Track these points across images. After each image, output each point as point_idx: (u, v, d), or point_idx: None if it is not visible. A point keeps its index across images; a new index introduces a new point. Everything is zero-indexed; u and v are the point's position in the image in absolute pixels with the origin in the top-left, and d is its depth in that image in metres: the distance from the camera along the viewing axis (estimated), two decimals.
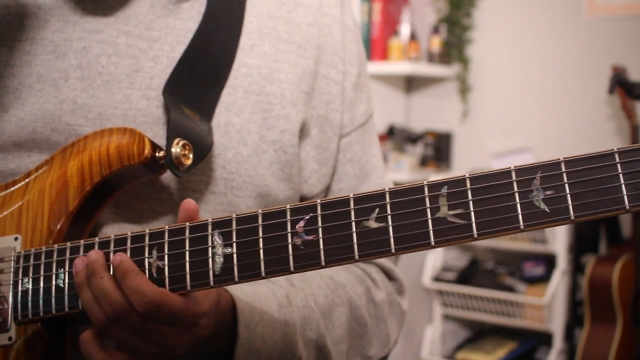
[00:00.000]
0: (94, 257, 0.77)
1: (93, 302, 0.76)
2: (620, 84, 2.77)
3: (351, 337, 0.98)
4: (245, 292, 0.88)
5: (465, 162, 3.70)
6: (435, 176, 3.47)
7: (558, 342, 3.20)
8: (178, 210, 0.88)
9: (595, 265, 3.07)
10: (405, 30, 3.54)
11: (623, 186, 0.62)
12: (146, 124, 0.89)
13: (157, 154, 0.85)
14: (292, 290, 0.93)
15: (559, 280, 3.16)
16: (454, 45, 3.65)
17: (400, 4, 3.59)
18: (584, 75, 3.39)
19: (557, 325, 3.20)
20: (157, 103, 0.90)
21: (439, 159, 3.71)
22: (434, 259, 3.48)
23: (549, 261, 3.28)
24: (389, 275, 1.06)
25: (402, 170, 3.53)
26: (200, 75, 0.91)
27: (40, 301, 0.80)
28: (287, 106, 0.96)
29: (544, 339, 3.37)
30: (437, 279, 3.43)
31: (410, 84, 3.89)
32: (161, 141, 0.88)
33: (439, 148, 3.71)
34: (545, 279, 3.28)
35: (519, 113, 3.57)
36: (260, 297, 0.89)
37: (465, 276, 3.41)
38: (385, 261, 1.07)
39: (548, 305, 3.15)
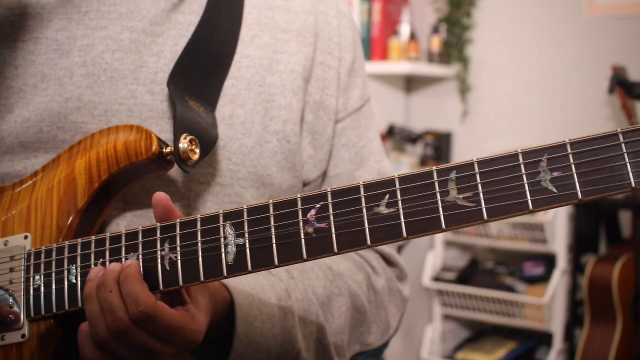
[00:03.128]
0: (111, 268, 0.76)
1: (100, 315, 0.75)
2: (620, 84, 2.77)
3: (351, 326, 0.99)
4: (245, 284, 0.88)
5: None
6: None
7: (558, 342, 3.20)
8: (183, 203, 0.88)
9: (595, 265, 3.08)
10: (405, 30, 3.54)
11: (628, 165, 0.64)
12: (152, 119, 0.89)
13: (164, 150, 0.85)
14: (292, 283, 0.93)
15: (559, 280, 3.16)
16: (454, 45, 3.66)
17: (400, 4, 3.59)
18: (584, 75, 3.39)
19: (557, 325, 3.20)
20: (162, 98, 0.90)
21: (439, 159, 3.71)
22: (434, 258, 3.48)
23: (549, 261, 3.29)
24: (388, 262, 1.06)
25: (402, 170, 3.52)
26: (203, 66, 0.92)
27: (54, 298, 0.80)
28: (288, 96, 0.97)
29: (544, 339, 3.37)
30: (437, 279, 3.43)
31: (410, 84, 3.90)
32: (167, 136, 0.89)
33: (439, 148, 3.71)
34: (545, 279, 3.28)
35: (519, 113, 3.58)
36: (259, 290, 0.89)
37: (465, 276, 3.41)
38: (384, 247, 1.06)
39: (548, 305, 3.15)
